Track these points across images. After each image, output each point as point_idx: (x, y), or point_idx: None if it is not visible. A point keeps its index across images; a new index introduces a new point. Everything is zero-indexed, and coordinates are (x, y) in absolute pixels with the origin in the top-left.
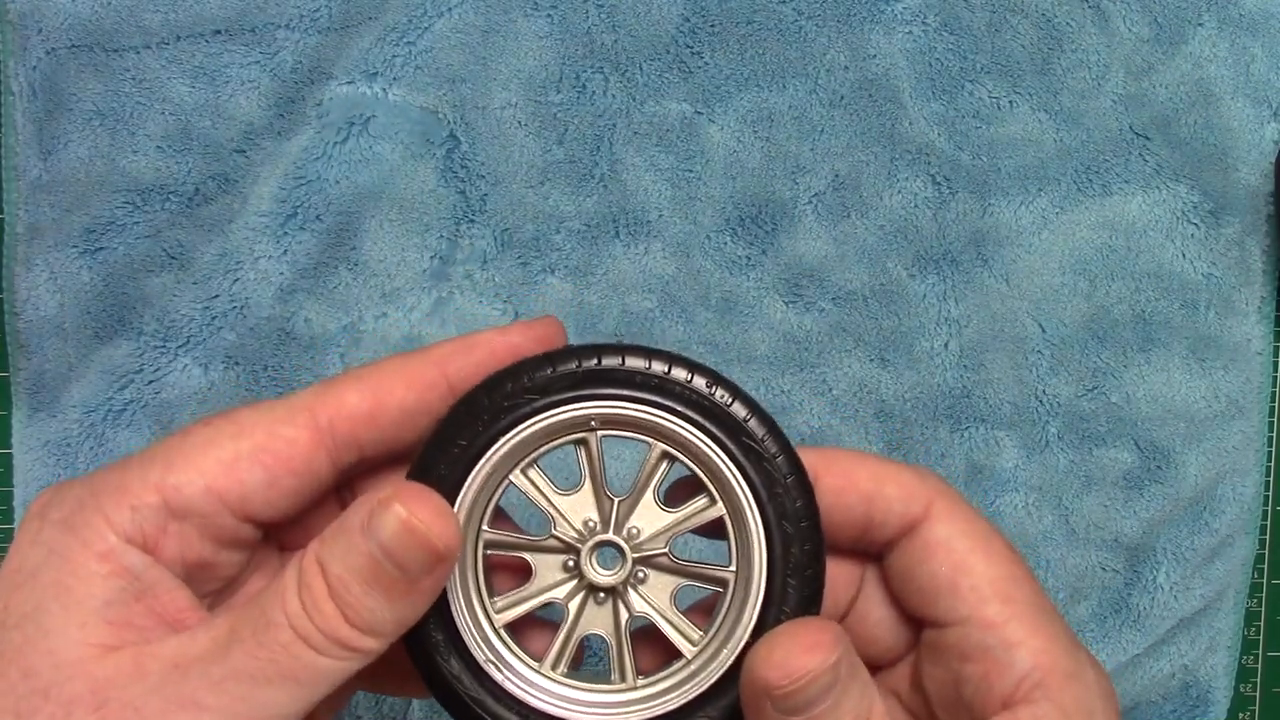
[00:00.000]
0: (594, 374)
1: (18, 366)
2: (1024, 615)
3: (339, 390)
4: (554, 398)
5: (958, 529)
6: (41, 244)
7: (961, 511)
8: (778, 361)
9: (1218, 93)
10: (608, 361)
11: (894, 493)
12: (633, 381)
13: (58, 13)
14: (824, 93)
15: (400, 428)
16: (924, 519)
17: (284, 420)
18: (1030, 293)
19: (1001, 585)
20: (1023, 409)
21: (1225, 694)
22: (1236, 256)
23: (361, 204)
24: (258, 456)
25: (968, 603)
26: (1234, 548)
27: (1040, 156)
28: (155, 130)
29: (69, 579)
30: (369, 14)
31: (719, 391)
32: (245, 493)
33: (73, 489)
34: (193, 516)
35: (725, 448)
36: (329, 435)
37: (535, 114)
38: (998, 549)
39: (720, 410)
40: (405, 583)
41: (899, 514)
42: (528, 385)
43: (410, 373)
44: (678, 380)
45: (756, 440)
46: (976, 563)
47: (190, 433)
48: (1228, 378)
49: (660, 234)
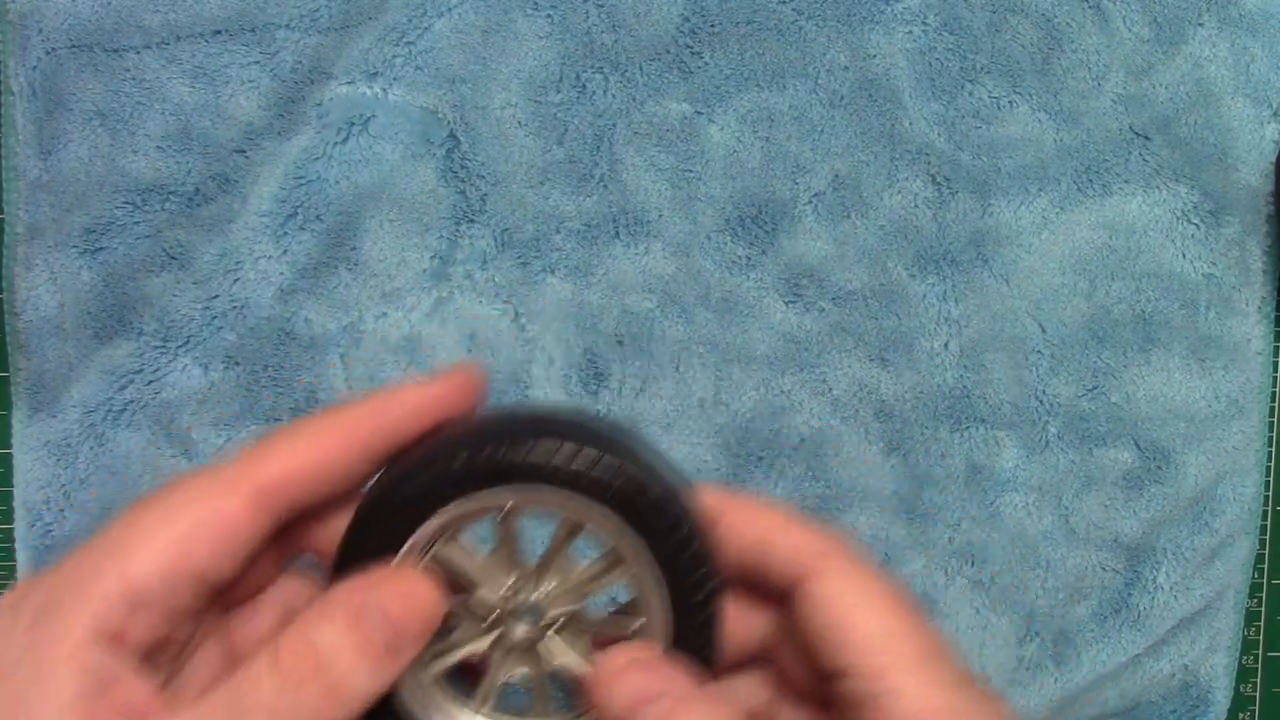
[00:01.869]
0: (500, 466)
1: (18, 366)
2: (906, 663)
3: (271, 454)
4: (464, 490)
5: (845, 584)
6: (41, 244)
7: (849, 567)
8: (778, 361)
9: (1218, 93)
10: (512, 456)
11: (785, 544)
12: (541, 472)
13: (58, 13)
14: (824, 93)
15: (331, 483)
16: (813, 574)
17: (223, 492)
18: (1030, 293)
19: (885, 636)
20: (1023, 409)
21: (1225, 694)
22: (1236, 256)
23: (361, 204)
24: (205, 533)
25: (850, 654)
26: (1234, 548)
27: (1040, 156)
28: (155, 130)
29: (43, 675)
30: (369, 14)
31: (623, 466)
32: (198, 570)
33: (43, 583)
34: (153, 603)
35: (626, 519)
36: (266, 498)
37: (535, 114)
38: (883, 602)
39: (619, 487)
40: (393, 650)
41: (789, 566)
42: (439, 477)
43: (337, 431)
44: (583, 464)
45: (657, 513)
46: (861, 615)
47: (138, 517)
48: (1228, 378)
49: (660, 234)
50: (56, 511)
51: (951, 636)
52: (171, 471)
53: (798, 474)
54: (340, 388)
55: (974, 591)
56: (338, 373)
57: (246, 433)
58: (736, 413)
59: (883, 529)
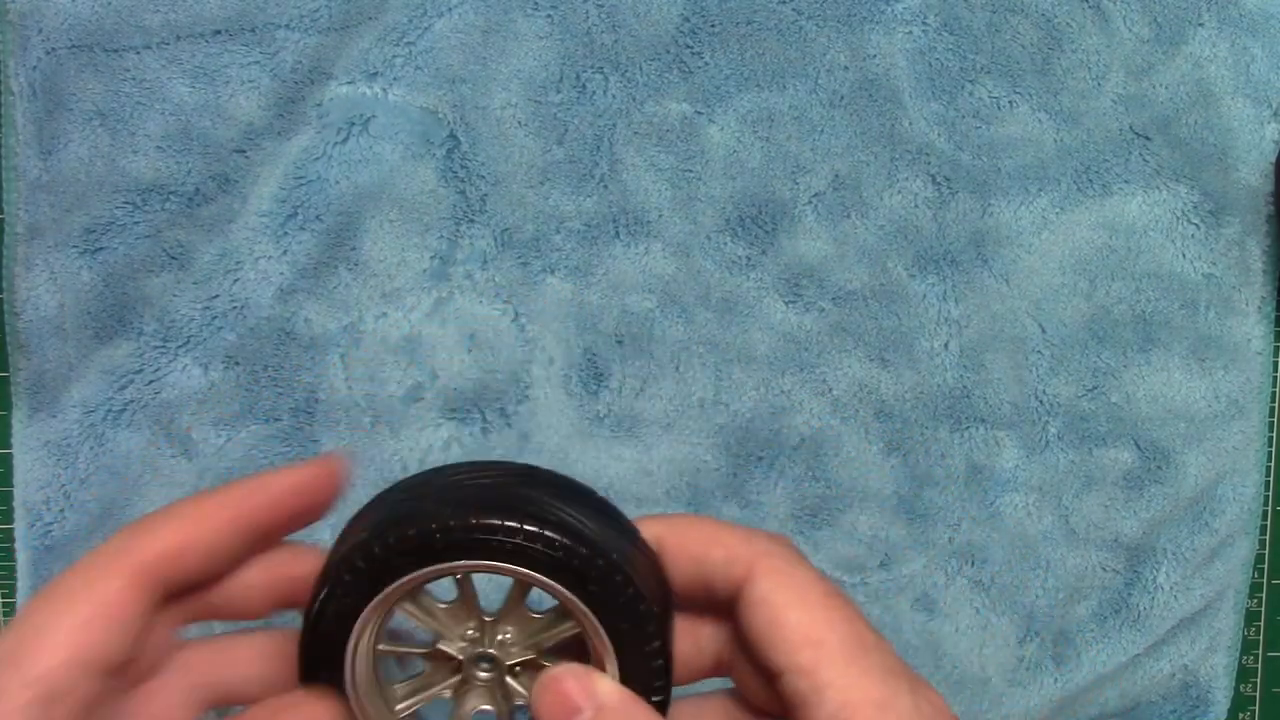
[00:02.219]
0: (442, 544)
1: (18, 366)
2: (833, 656)
3: (147, 534)
4: (413, 566)
5: (777, 583)
6: (41, 244)
7: (782, 567)
8: (778, 361)
9: (1218, 93)
10: (455, 535)
11: (719, 555)
12: (484, 550)
13: (58, 13)
14: (824, 93)
15: (208, 561)
16: (748, 579)
17: (104, 575)
18: (1030, 293)
19: (813, 630)
20: (1023, 409)
21: (1225, 694)
22: (1236, 256)
23: (361, 204)
24: (95, 621)
25: (783, 652)
26: (1234, 548)
27: (1040, 156)
28: (155, 130)
29: None
30: (369, 14)
31: (556, 538)
32: (99, 653)
33: None
34: (65, 695)
35: (564, 584)
36: (144, 577)
37: (535, 114)
38: (814, 597)
39: (555, 558)
40: None
41: (725, 575)
42: (388, 551)
43: (211, 512)
44: (520, 539)
45: (591, 576)
46: (791, 614)
47: (32, 618)
48: (1228, 378)
49: (660, 234)
50: (56, 511)
51: (951, 636)
52: (171, 471)
53: (798, 474)
54: (340, 388)
55: (974, 591)
56: (338, 373)
57: (246, 433)
58: (736, 413)
59: (883, 529)
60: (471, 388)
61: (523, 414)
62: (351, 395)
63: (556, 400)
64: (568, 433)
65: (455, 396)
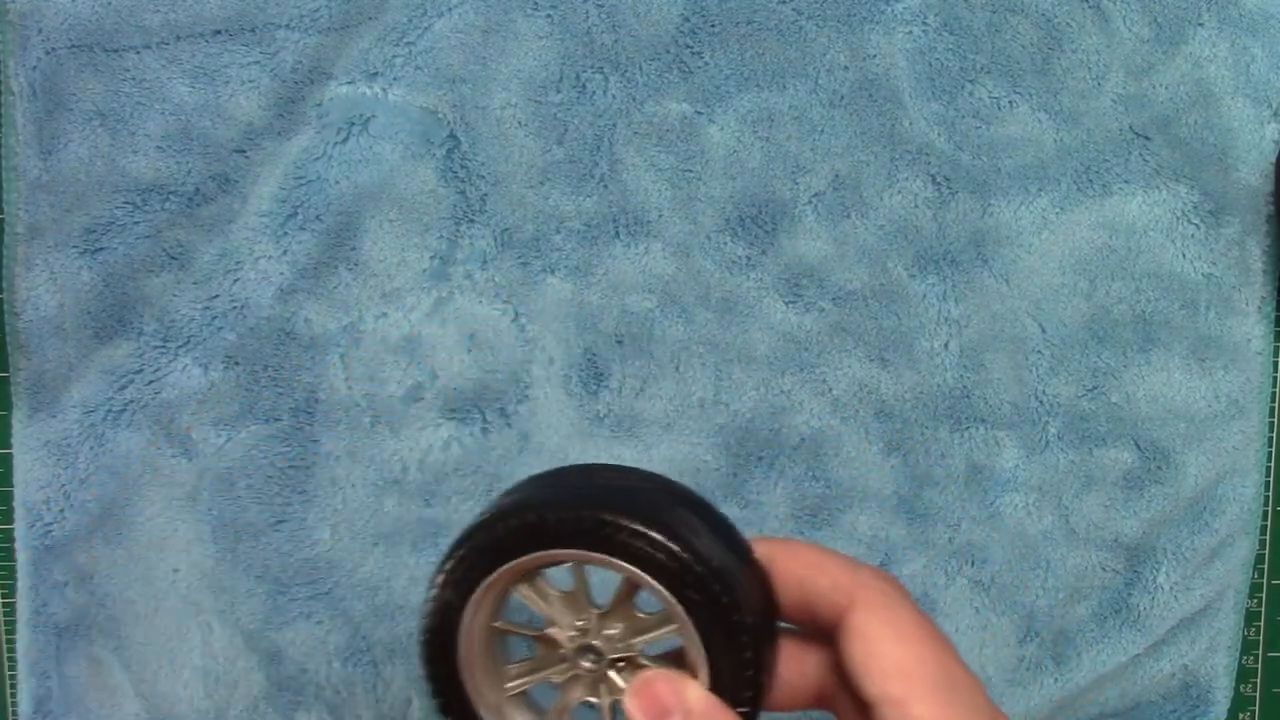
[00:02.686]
0: (565, 530)
1: (18, 366)
2: (923, 690)
3: None
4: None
5: (876, 616)
6: (41, 244)
7: (883, 601)
8: (778, 361)
9: (1218, 93)
10: (576, 523)
11: (825, 582)
12: (598, 541)
13: (58, 13)
14: (824, 93)
15: None
16: (850, 608)
17: None
18: (1030, 293)
19: (905, 664)
20: (1023, 409)
21: (1225, 694)
22: (1236, 256)
23: (361, 204)
24: None
25: (876, 683)
26: (1234, 548)
27: (1040, 156)
28: (155, 130)
29: None
30: (369, 14)
31: (669, 543)
32: None
33: None
34: None
35: (670, 590)
36: None
37: (535, 114)
38: (910, 632)
39: (663, 563)
40: None
41: (829, 603)
42: (512, 530)
43: None
44: (635, 539)
45: (698, 588)
46: (886, 646)
47: None
48: (1228, 378)
49: (660, 234)
50: (56, 511)
51: (952, 636)
52: (171, 471)
53: (798, 474)
54: (340, 388)
55: (974, 591)
56: (338, 373)
57: (246, 433)
58: (736, 413)
59: (883, 529)
60: (471, 388)
61: (523, 414)
62: (351, 395)
63: (556, 400)
64: (568, 433)
65: (455, 396)
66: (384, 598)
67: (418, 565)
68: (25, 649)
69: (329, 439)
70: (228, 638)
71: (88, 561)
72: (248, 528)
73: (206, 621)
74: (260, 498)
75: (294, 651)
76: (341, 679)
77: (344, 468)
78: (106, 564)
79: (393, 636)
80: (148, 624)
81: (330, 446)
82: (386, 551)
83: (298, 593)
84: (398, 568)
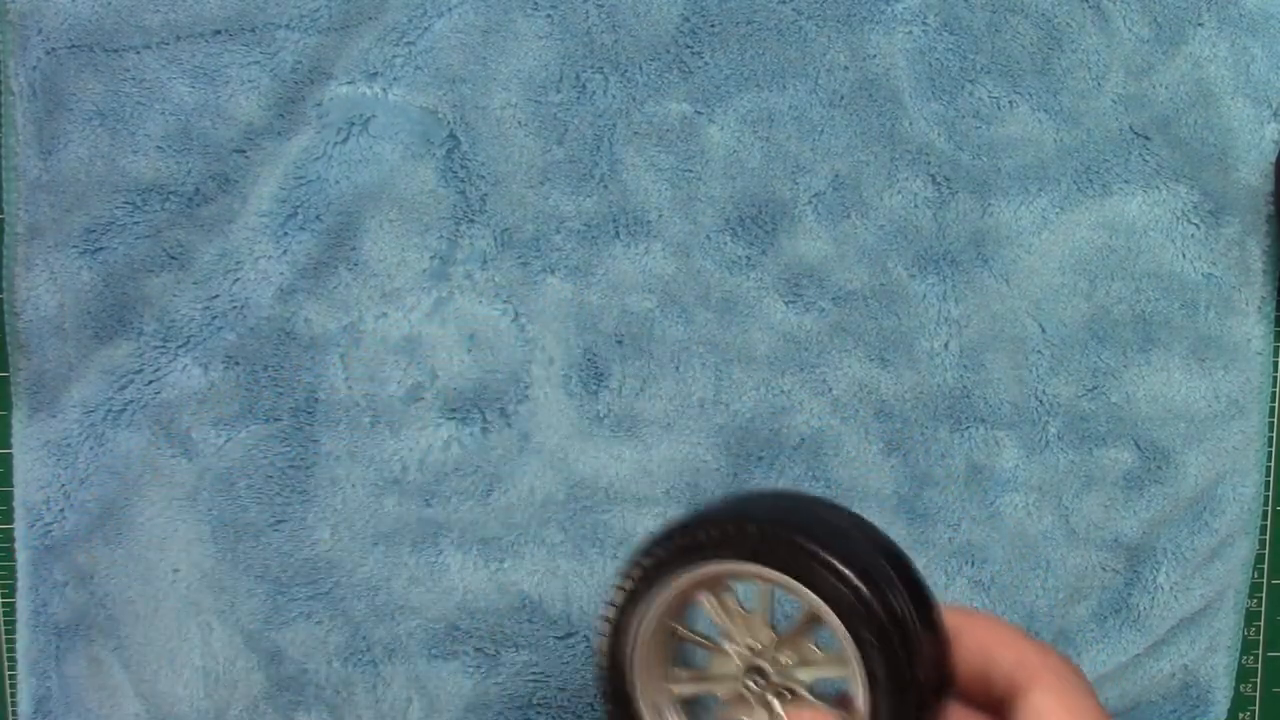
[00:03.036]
0: (753, 546)
1: (18, 366)
2: None
3: None
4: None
5: (1055, 699)
6: (41, 244)
7: (1063, 686)
8: (778, 361)
9: (1218, 93)
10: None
11: (1010, 657)
12: (804, 568)
13: (58, 13)
14: (824, 93)
15: None
16: (1029, 686)
17: None
18: (1030, 293)
19: None
20: (1023, 409)
21: (1225, 694)
22: (1236, 256)
23: (361, 204)
24: None
25: None
26: (1234, 548)
27: (1040, 156)
28: (155, 130)
29: None
30: (369, 14)
31: (859, 586)
32: None
33: None
34: None
35: (849, 630)
36: None
37: (535, 114)
38: (1083, 714)
39: (850, 603)
40: None
41: (1008, 677)
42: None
43: None
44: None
45: (877, 634)
46: None
47: None
48: (1228, 378)
49: (660, 234)
50: (56, 511)
51: None
52: (171, 471)
53: (798, 474)
54: (340, 388)
55: (974, 591)
56: (338, 373)
57: (246, 433)
58: (736, 413)
59: (882, 529)
60: (471, 388)
61: (523, 414)
62: (351, 395)
63: (556, 400)
64: (568, 433)
65: (455, 396)
66: (384, 598)
67: (418, 565)
68: (25, 649)
69: (329, 439)
70: (228, 638)
71: (88, 561)
72: (248, 528)
73: (206, 621)
74: (260, 498)
75: (294, 651)
76: (341, 679)
77: (344, 468)
78: (106, 564)
79: (393, 636)
80: (148, 624)
81: (330, 446)
82: (386, 551)
83: (298, 593)
84: (398, 568)
